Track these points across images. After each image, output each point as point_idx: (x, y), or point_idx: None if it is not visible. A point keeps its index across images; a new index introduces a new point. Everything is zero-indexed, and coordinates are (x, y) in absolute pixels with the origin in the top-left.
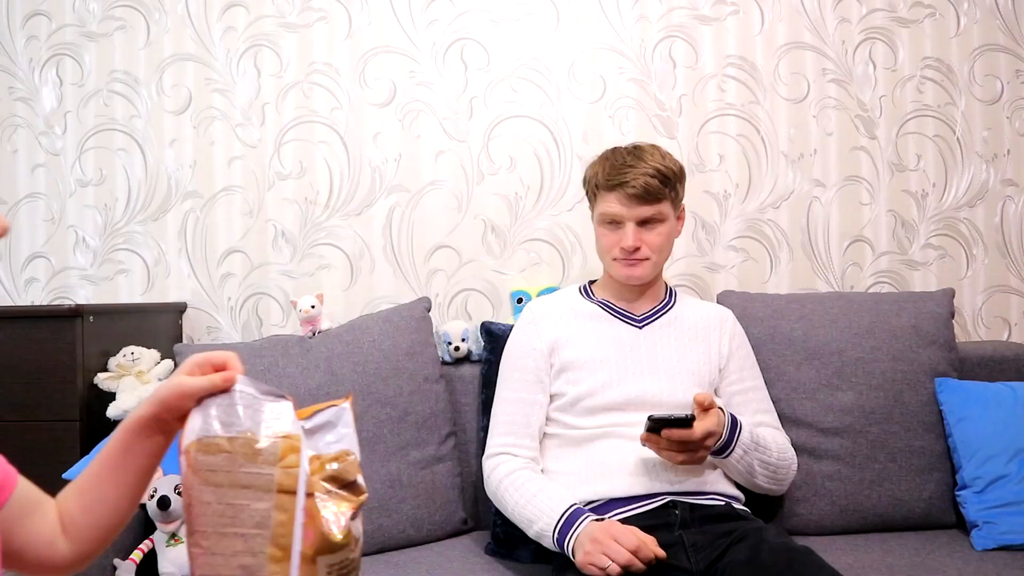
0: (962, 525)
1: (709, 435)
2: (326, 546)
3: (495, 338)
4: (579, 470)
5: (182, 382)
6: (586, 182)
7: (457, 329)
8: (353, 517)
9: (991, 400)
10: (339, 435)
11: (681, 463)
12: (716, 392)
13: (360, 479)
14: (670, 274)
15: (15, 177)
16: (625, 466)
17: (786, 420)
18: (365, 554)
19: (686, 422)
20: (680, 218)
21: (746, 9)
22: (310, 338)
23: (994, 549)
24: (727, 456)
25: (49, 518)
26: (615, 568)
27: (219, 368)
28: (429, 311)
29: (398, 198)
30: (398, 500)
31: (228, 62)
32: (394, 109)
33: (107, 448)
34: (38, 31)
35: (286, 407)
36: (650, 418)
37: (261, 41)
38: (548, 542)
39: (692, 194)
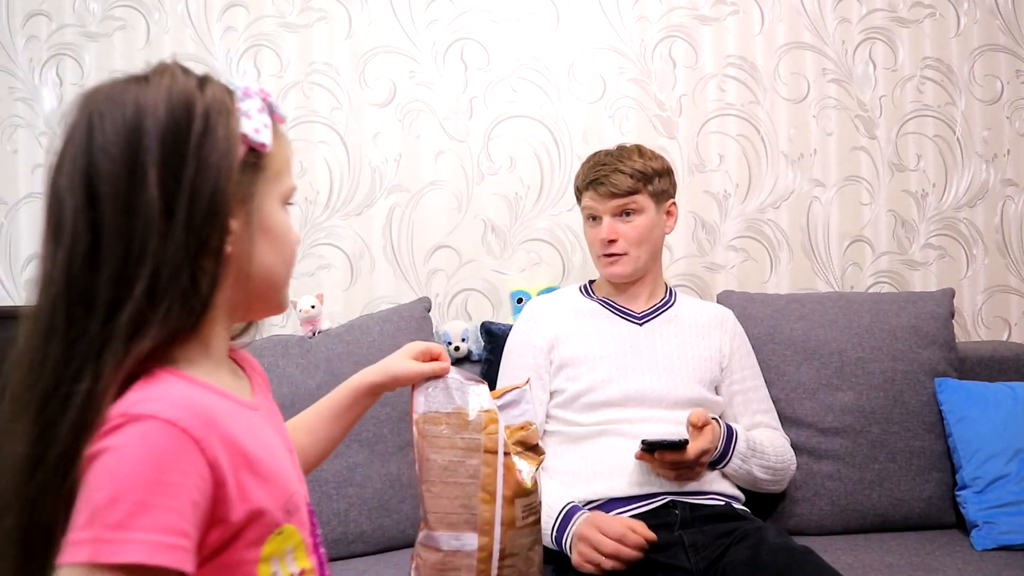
0: (962, 525)
1: (703, 453)
2: (521, 491)
3: (495, 338)
4: (579, 469)
5: (412, 366)
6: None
7: (457, 329)
8: (537, 470)
9: (991, 400)
10: (522, 410)
11: (676, 479)
12: (717, 391)
13: (540, 443)
14: (670, 274)
15: (15, 177)
16: (625, 466)
17: (786, 420)
18: (366, 553)
19: (679, 446)
20: (670, 214)
21: (746, 9)
22: (310, 338)
23: (994, 549)
24: (724, 466)
25: None
26: (607, 562)
27: (435, 358)
28: (429, 311)
29: (398, 198)
30: (398, 500)
31: (228, 62)
32: (394, 109)
33: (336, 400)
34: (38, 31)
35: (484, 389)
36: (644, 442)
37: (261, 41)
38: (546, 541)
39: (692, 194)
